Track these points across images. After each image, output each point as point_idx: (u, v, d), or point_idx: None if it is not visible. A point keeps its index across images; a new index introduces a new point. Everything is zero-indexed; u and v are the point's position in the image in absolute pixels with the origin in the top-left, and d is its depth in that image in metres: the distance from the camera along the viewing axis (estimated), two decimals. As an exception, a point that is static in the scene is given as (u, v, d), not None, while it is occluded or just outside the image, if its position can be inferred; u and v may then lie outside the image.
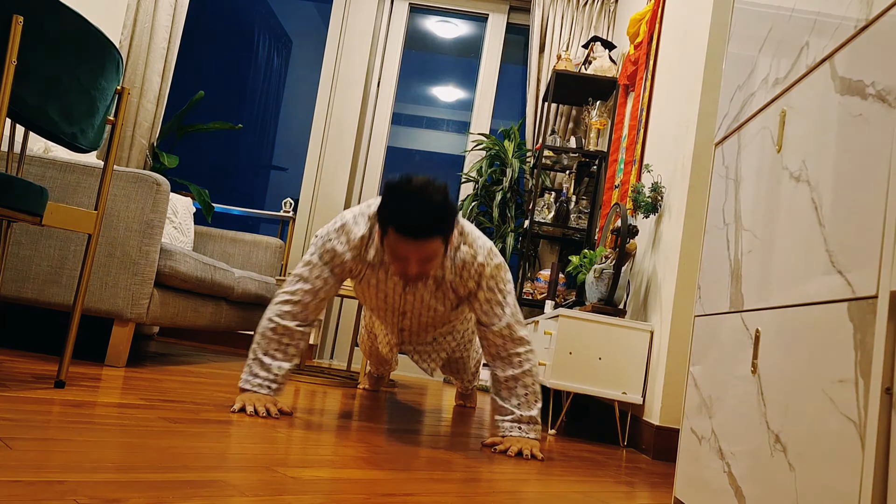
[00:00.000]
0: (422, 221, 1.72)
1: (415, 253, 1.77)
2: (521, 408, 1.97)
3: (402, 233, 1.74)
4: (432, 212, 1.73)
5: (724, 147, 1.52)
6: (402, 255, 1.79)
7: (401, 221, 1.73)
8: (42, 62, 1.58)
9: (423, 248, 1.76)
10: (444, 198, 1.75)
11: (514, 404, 1.98)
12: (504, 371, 1.99)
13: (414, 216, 1.72)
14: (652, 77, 3.14)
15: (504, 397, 2.00)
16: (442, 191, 1.76)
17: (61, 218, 1.71)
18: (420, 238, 1.74)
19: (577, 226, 3.97)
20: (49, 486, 0.94)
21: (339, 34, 4.86)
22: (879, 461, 0.80)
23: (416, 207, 1.71)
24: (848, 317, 0.90)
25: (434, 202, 1.72)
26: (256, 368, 1.95)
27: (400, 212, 1.73)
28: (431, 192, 1.73)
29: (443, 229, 1.77)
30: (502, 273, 2.00)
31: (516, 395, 1.98)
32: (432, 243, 1.77)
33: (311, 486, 1.20)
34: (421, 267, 1.82)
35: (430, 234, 1.74)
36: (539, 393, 2.01)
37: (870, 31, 0.96)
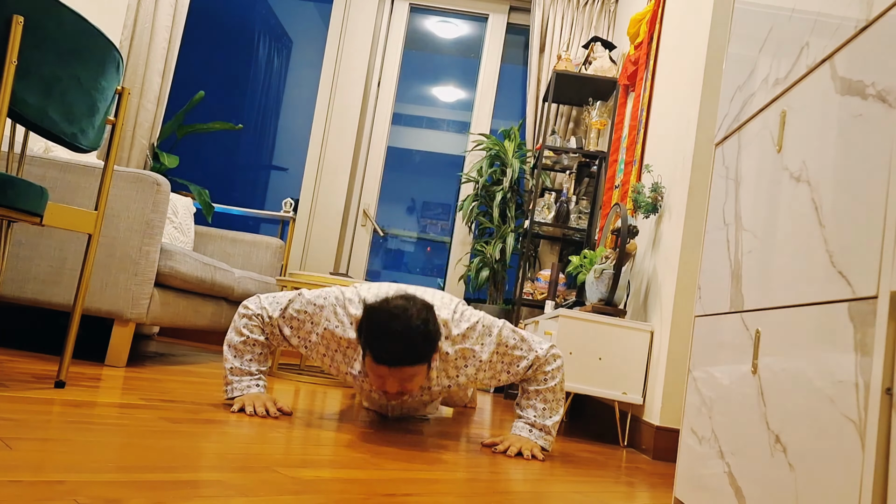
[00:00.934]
0: (397, 353, 1.67)
1: (394, 376, 1.73)
2: (539, 416, 1.97)
3: (379, 362, 1.70)
4: (410, 343, 1.67)
5: (724, 147, 1.52)
6: (381, 375, 1.74)
7: (377, 352, 1.69)
8: (42, 62, 1.58)
9: (402, 372, 1.72)
10: (424, 323, 1.69)
11: (530, 414, 1.98)
12: (529, 385, 1.99)
13: (390, 347, 1.67)
14: (652, 77, 3.14)
15: (523, 407, 2.01)
16: (422, 316, 1.70)
17: (61, 218, 1.71)
18: (396, 367, 1.70)
19: (578, 226, 3.97)
20: (49, 486, 0.94)
21: (339, 34, 4.86)
22: (879, 461, 0.80)
23: (392, 338, 1.66)
24: (848, 317, 0.90)
25: (412, 331, 1.67)
26: (238, 376, 1.95)
27: (377, 341, 1.68)
28: (410, 320, 1.67)
29: (421, 359, 1.71)
30: (504, 339, 1.93)
31: (534, 406, 1.98)
32: (411, 369, 1.73)
33: (311, 486, 1.20)
34: (401, 386, 1.77)
35: (406, 363, 1.70)
36: (558, 409, 1.98)
37: (870, 31, 0.96)
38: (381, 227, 4.90)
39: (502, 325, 1.94)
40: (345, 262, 4.78)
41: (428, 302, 1.77)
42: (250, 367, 1.96)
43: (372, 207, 4.82)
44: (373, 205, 4.82)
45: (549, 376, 1.96)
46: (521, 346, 1.94)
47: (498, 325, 1.94)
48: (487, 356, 1.91)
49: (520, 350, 1.93)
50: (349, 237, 4.80)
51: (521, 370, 1.94)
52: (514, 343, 1.93)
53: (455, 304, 1.97)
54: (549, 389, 1.96)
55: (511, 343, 1.93)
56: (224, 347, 1.98)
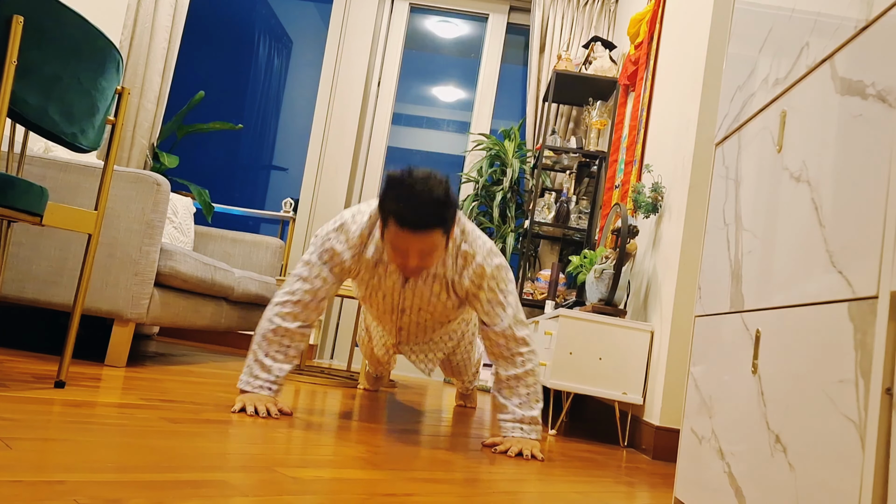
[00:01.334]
0: (422, 214, 1.72)
1: (415, 246, 1.77)
2: (522, 407, 1.97)
3: (402, 225, 1.73)
4: (433, 205, 1.72)
5: (724, 147, 1.52)
6: (402, 247, 1.78)
7: (401, 214, 1.72)
8: (42, 62, 1.58)
9: (423, 240, 1.76)
10: (446, 192, 1.75)
11: (515, 403, 1.98)
12: (506, 370, 1.98)
13: (414, 209, 1.71)
14: (652, 77, 3.14)
15: (506, 396, 2.00)
16: (443, 184, 1.75)
17: (61, 218, 1.71)
18: (420, 231, 1.74)
19: (578, 226, 3.97)
20: (49, 486, 0.94)
21: (339, 34, 4.86)
22: (880, 461, 0.80)
23: (416, 200, 1.71)
24: (848, 317, 0.90)
25: (435, 195, 1.72)
26: (257, 370, 1.95)
27: (400, 204, 1.72)
28: (432, 186, 1.73)
29: (443, 223, 1.76)
30: (503, 273, 1.98)
31: (518, 394, 1.98)
32: (432, 236, 1.76)
33: (311, 486, 1.20)
34: (421, 260, 1.82)
35: (429, 226, 1.74)
36: (540, 393, 2.00)
37: (870, 31, 0.96)
38: (381, 227, 4.90)
39: (506, 265, 2.00)
40: (345, 262, 4.77)
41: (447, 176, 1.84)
42: (272, 365, 1.95)
43: (372, 207, 4.82)
44: (373, 205, 4.82)
45: (525, 359, 1.97)
46: (508, 298, 1.98)
47: (505, 265, 2.00)
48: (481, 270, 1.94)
49: (503, 295, 1.97)
50: (349, 237, 4.79)
51: (495, 319, 1.96)
52: (505, 287, 1.98)
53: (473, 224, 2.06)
54: (527, 373, 1.97)
55: (503, 286, 1.97)
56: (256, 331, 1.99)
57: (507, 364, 1.98)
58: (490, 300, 1.98)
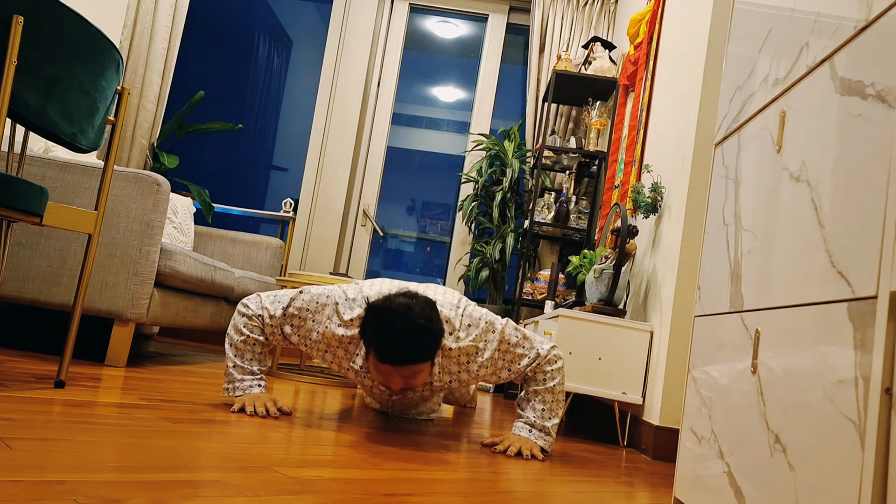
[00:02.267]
0: (403, 351, 1.68)
1: (398, 374, 1.74)
2: (536, 418, 1.97)
3: (383, 360, 1.70)
4: (414, 341, 1.68)
5: (723, 147, 1.53)
6: (385, 372, 1.75)
7: (382, 349, 1.69)
8: (42, 62, 1.58)
9: (407, 370, 1.73)
10: (428, 321, 1.70)
11: (530, 415, 1.98)
12: (528, 385, 1.99)
13: (395, 345, 1.67)
14: (652, 77, 3.14)
15: (523, 407, 2.01)
16: (425, 314, 1.70)
17: (61, 218, 1.71)
18: (401, 366, 1.71)
19: (577, 226, 3.98)
20: (49, 486, 0.94)
21: (339, 34, 4.86)
22: (879, 462, 0.80)
23: (396, 336, 1.67)
24: (848, 317, 0.90)
25: (416, 330, 1.67)
26: (240, 374, 1.95)
27: (381, 339, 1.68)
28: (414, 318, 1.67)
29: (425, 356, 1.72)
30: (507, 336, 1.92)
31: (534, 408, 1.98)
32: (416, 367, 1.73)
33: (311, 485, 1.20)
34: (405, 383, 1.78)
35: (410, 362, 1.70)
36: (558, 410, 1.98)
37: (870, 31, 0.97)
38: (381, 226, 4.91)
39: (505, 323, 1.94)
40: (345, 262, 4.78)
41: (431, 299, 1.78)
42: (252, 366, 1.96)
43: (372, 207, 4.82)
44: (373, 205, 4.82)
45: (548, 376, 1.96)
46: (524, 343, 1.94)
47: (501, 322, 1.94)
48: (490, 353, 1.90)
49: (521, 348, 1.93)
50: (349, 237, 4.80)
51: (521, 368, 1.94)
52: (517, 341, 1.93)
53: (458, 300, 1.97)
54: (548, 390, 1.96)
55: (513, 341, 1.93)
56: (225, 344, 1.98)
57: (531, 381, 1.99)
58: (509, 369, 1.94)
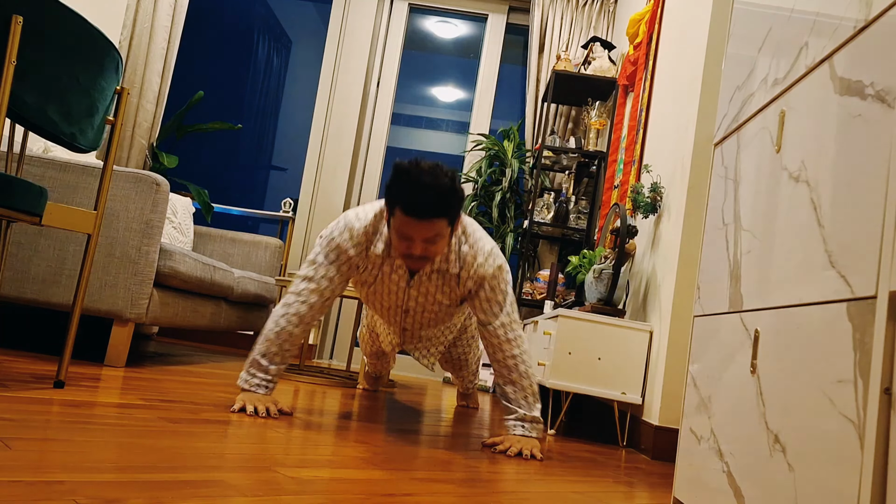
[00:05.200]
0: (428, 202, 1.75)
1: (420, 233, 1.81)
2: (522, 407, 2.02)
3: (409, 212, 1.77)
4: (439, 193, 1.76)
5: (723, 147, 1.53)
6: (408, 235, 1.82)
7: (407, 201, 1.76)
8: (42, 62, 1.58)
9: (429, 228, 1.80)
10: (452, 182, 1.78)
11: (515, 404, 2.02)
12: (503, 375, 2.03)
13: (420, 197, 1.75)
14: (651, 77, 3.14)
15: (507, 399, 2.05)
16: (450, 175, 1.79)
17: (61, 218, 1.71)
18: (425, 219, 1.77)
19: (577, 226, 3.98)
20: (49, 486, 0.94)
21: (339, 34, 4.86)
22: (878, 461, 0.80)
23: (423, 188, 1.74)
24: (847, 317, 0.90)
25: (441, 184, 1.76)
26: (254, 369, 1.98)
27: (407, 191, 1.76)
28: (439, 176, 1.76)
29: (448, 212, 1.80)
30: (503, 274, 2.02)
31: (516, 398, 2.02)
32: (437, 224, 1.80)
33: (311, 486, 1.20)
34: (425, 249, 1.85)
35: (435, 215, 1.77)
36: (537, 393, 2.04)
37: (869, 31, 0.97)
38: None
39: (506, 267, 2.03)
40: (344, 262, 4.77)
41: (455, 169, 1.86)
42: (270, 363, 1.98)
43: (371, 207, 4.82)
44: (372, 205, 4.82)
45: (518, 361, 2.00)
46: (506, 297, 2.02)
47: (505, 266, 2.03)
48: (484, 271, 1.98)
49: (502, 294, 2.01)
50: (348, 237, 4.80)
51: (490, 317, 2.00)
52: (504, 288, 2.02)
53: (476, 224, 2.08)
54: (521, 375, 2.01)
55: (502, 286, 2.01)
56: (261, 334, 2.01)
57: (503, 368, 2.02)
58: (488, 299, 2.01)
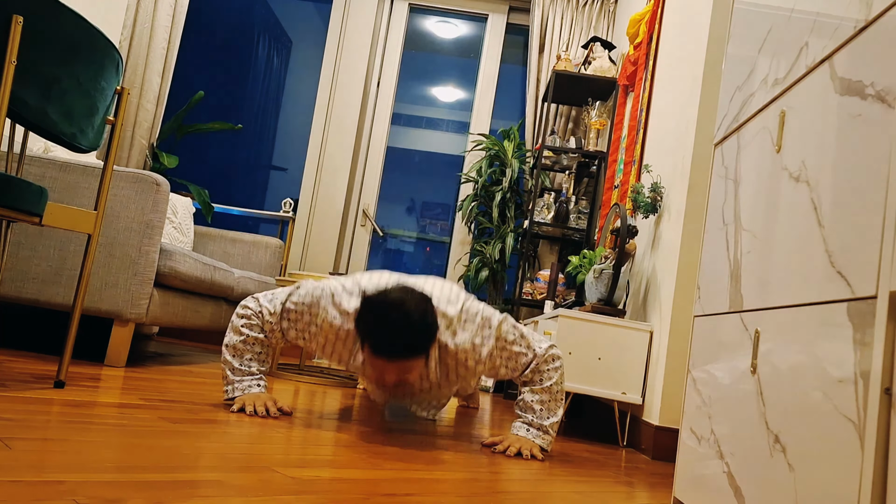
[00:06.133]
0: (396, 345, 1.68)
1: (391, 368, 1.74)
2: (535, 418, 1.98)
3: (377, 353, 1.70)
4: (407, 334, 1.68)
5: (723, 147, 1.53)
6: (378, 366, 1.75)
7: (374, 343, 1.69)
8: (42, 62, 1.58)
9: (400, 365, 1.73)
10: (422, 316, 1.70)
11: (527, 415, 1.99)
12: (527, 385, 2.00)
13: (387, 339, 1.67)
14: (651, 77, 3.14)
15: (522, 408, 2.01)
16: (419, 309, 1.70)
17: (61, 218, 1.71)
18: (394, 360, 1.71)
19: (577, 226, 3.98)
20: (49, 486, 0.94)
21: (339, 34, 4.86)
22: (879, 461, 0.80)
23: (391, 331, 1.67)
24: (847, 317, 0.90)
25: (410, 323, 1.67)
26: (238, 376, 1.95)
27: (376, 333, 1.68)
28: (408, 311, 1.68)
29: (418, 351, 1.72)
30: (504, 333, 1.92)
31: (532, 408, 1.98)
32: (408, 362, 1.73)
33: (311, 486, 1.20)
34: (399, 377, 1.78)
35: (403, 356, 1.70)
36: (557, 410, 1.98)
37: (869, 31, 0.97)
38: (381, 226, 4.91)
39: (503, 319, 1.93)
40: (344, 262, 4.78)
41: (426, 294, 1.77)
42: (250, 366, 1.96)
43: (371, 207, 4.82)
44: (372, 205, 4.82)
45: (545, 376, 1.96)
46: (521, 342, 1.94)
47: (498, 318, 1.93)
48: (487, 350, 1.89)
49: (519, 346, 1.93)
50: (349, 237, 4.80)
51: (519, 367, 1.94)
52: (514, 339, 1.93)
53: (456, 294, 1.95)
54: (545, 390, 1.96)
55: (510, 338, 1.92)
56: (223, 349, 1.97)
57: (531, 382, 1.99)
58: (507, 365, 1.94)
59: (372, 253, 4.90)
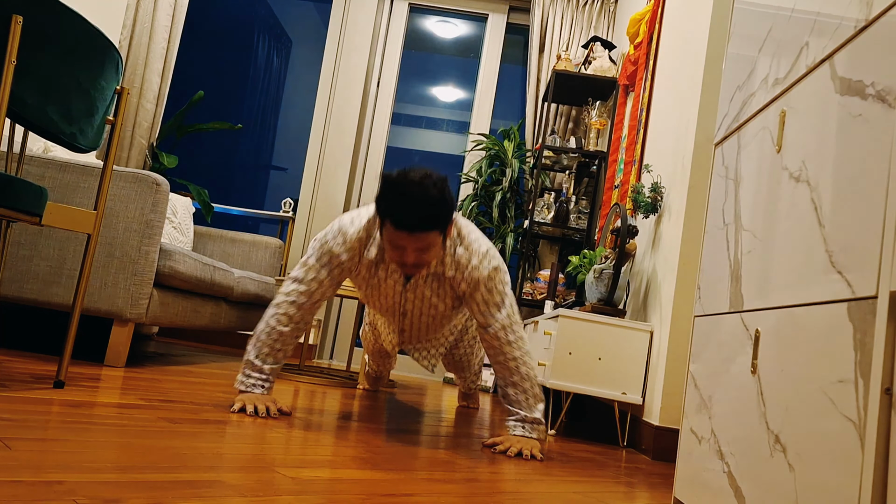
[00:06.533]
0: (417, 215, 1.74)
1: (411, 244, 1.80)
2: (523, 409, 2.00)
3: (398, 226, 1.76)
4: (428, 206, 1.74)
5: (723, 147, 1.52)
6: (399, 245, 1.81)
7: (396, 215, 1.75)
8: (42, 62, 1.58)
9: (420, 239, 1.79)
10: (441, 191, 1.76)
11: (516, 406, 2.01)
12: (505, 378, 2.02)
13: (409, 210, 1.73)
14: (652, 77, 3.14)
15: (508, 401, 2.03)
16: (439, 184, 1.76)
17: (61, 218, 1.70)
18: (415, 232, 1.76)
19: (577, 226, 3.97)
20: (49, 486, 0.94)
21: (339, 34, 4.86)
22: (879, 461, 0.80)
23: (411, 201, 1.73)
24: (848, 317, 0.90)
25: (430, 196, 1.73)
26: (249, 370, 1.98)
27: (395, 205, 1.75)
28: (428, 186, 1.74)
29: (438, 224, 1.78)
30: (500, 275, 2.00)
31: (518, 400, 2.01)
32: (428, 235, 1.79)
33: (310, 486, 1.20)
34: (418, 257, 1.84)
35: (424, 228, 1.76)
36: (539, 395, 2.02)
37: (869, 31, 0.96)
38: (381, 226, 4.90)
39: (502, 266, 2.01)
40: (344, 262, 4.77)
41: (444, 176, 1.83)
42: (264, 363, 1.97)
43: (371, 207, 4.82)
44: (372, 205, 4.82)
45: (519, 363, 1.99)
46: (505, 297, 2.00)
47: (501, 263, 2.01)
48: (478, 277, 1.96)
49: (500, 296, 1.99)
50: (349, 237, 4.80)
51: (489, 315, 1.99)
52: (502, 288, 2.00)
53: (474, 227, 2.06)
54: (523, 377, 1.99)
55: (499, 287, 1.99)
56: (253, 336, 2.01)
57: (504, 371, 2.01)
58: (486, 301, 2.00)
59: (372, 253, 4.89)
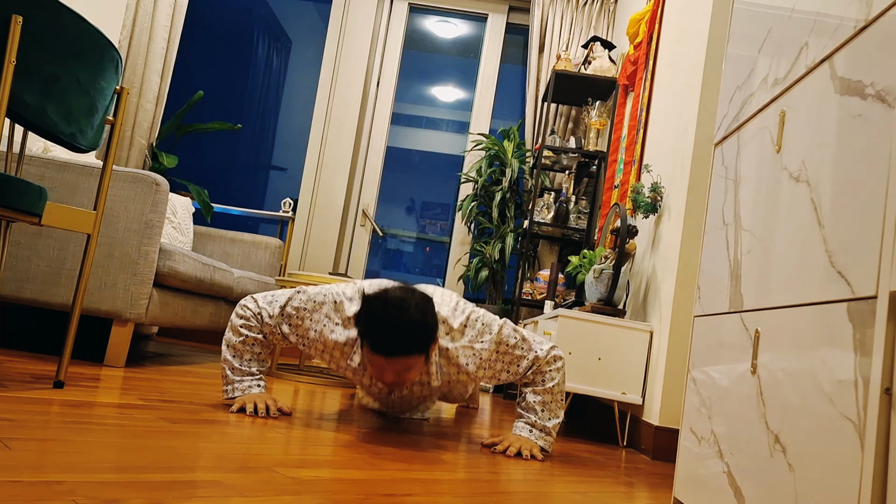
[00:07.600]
0: (394, 342, 1.67)
1: (390, 366, 1.73)
2: (538, 416, 1.97)
3: (377, 351, 1.70)
4: (407, 333, 1.67)
5: (723, 147, 1.53)
6: (378, 364, 1.74)
7: (374, 342, 1.68)
8: (41, 62, 1.57)
9: (399, 363, 1.72)
10: (423, 315, 1.69)
11: (530, 413, 1.99)
12: (528, 386, 1.99)
13: (386, 336, 1.66)
14: (651, 77, 3.14)
15: (523, 408, 2.01)
16: (420, 307, 1.69)
17: (60, 218, 1.70)
18: (392, 357, 1.70)
19: (577, 226, 3.97)
20: (48, 486, 0.94)
21: (339, 34, 4.86)
22: (879, 462, 0.80)
23: (389, 327, 1.66)
24: (847, 317, 0.90)
25: (410, 322, 1.67)
26: (238, 376, 1.95)
27: (373, 330, 1.68)
28: (408, 310, 1.67)
29: (417, 348, 1.71)
30: (504, 338, 1.92)
31: (533, 409, 1.98)
32: (408, 359, 1.72)
33: (311, 486, 1.20)
34: (398, 377, 1.77)
35: (402, 354, 1.70)
36: (559, 412, 1.98)
37: (869, 31, 0.96)
38: (381, 226, 4.90)
39: (503, 324, 1.93)
40: (344, 262, 4.78)
41: (427, 294, 1.77)
42: (250, 367, 1.96)
43: (371, 207, 4.82)
44: (372, 205, 4.82)
45: (547, 377, 1.95)
46: (522, 345, 1.93)
47: (498, 322, 1.93)
48: (487, 355, 1.90)
49: (520, 349, 1.93)
50: (348, 237, 4.80)
51: (521, 370, 1.94)
52: (515, 342, 1.93)
53: (455, 300, 1.97)
54: (547, 391, 1.96)
55: (511, 342, 1.92)
56: (222, 347, 1.98)
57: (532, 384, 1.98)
58: (510, 362, 1.93)
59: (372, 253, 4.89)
